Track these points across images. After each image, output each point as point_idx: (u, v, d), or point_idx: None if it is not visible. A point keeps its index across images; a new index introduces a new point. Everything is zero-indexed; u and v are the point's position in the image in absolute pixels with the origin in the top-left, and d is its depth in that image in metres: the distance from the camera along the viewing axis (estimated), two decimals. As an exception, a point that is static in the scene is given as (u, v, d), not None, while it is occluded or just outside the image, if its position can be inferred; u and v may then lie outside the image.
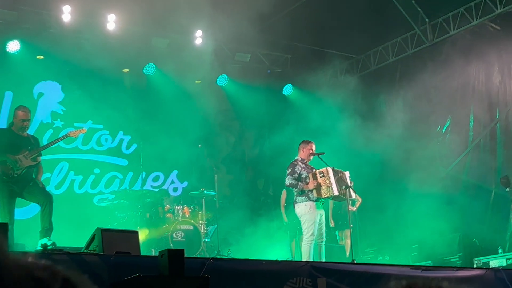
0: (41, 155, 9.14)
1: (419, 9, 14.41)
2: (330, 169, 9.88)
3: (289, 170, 10.09)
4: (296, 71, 16.15)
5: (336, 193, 9.77)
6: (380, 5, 13.97)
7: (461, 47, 14.46)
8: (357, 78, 15.91)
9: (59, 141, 9.58)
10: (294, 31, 14.32)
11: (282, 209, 12.83)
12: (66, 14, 13.17)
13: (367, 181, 14.05)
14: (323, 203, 10.09)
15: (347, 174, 10.19)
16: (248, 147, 16.19)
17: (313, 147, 10.26)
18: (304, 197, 9.92)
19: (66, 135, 9.36)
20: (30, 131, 9.77)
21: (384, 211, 15.06)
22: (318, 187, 9.80)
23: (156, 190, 14.12)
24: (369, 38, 14.78)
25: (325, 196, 9.80)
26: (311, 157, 10.22)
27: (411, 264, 10.93)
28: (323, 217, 10.03)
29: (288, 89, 16.35)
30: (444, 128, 15.17)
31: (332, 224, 12.94)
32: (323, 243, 9.99)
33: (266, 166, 15.92)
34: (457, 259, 13.05)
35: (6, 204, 8.61)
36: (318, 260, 9.51)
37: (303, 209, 9.90)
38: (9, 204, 8.63)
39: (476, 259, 12.72)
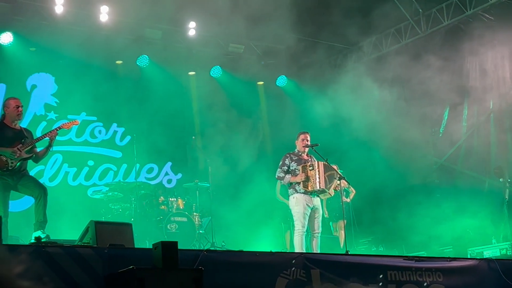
0: (36, 147, 9.09)
1: (412, -1, 14.41)
2: (321, 163, 9.87)
3: (280, 163, 10.13)
4: (290, 62, 16.12)
5: (320, 187, 9.75)
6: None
7: (455, 37, 14.46)
8: (351, 68, 15.89)
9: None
10: (288, 22, 14.28)
11: (279, 197, 12.75)
12: (59, 5, 13.12)
13: (361, 172, 14.08)
14: (318, 195, 10.05)
15: (335, 167, 10.17)
16: (242, 138, 16.17)
17: (307, 137, 10.22)
18: (291, 189, 9.98)
19: (59, 127, 9.29)
20: (23, 123, 9.73)
21: (378, 202, 15.10)
22: (306, 180, 9.79)
23: (150, 182, 14.11)
24: (363, 29, 14.76)
25: (311, 189, 9.79)
26: (306, 149, 10.20)
27: (405, 254, 10.95)
28: (319, 209, 10.00)
29: (282, 80, 16.32)
30: (442, 119, 15.18)
31: (326, 215, 12.94)
32: (319, 235, 9.98)
33: (260, 157, 15.92)
34: (451, 249, 13.10)
35: (1, 197, 8.57)
36: (313, 252, 9.53)
37: (292, 201, 9.98)
38: (3, 197, 8.59)
39: (470, 249, 12.76)
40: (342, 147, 14.34)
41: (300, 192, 9.83)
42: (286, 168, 10.03)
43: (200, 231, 12.66)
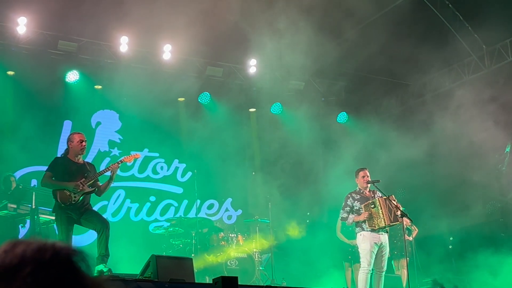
0: (98, 181, 9.23)
1: (476, 35, 14.24)
2: (381, 199, 9.73)
3: (343, 204, 10.04)
4: (351, 99, 16.08)
5: (386, 223, 9.62)
6: (436, 32, 13.85)
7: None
8: (412, 105, 15.74)
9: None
10: (349, 58, 14.29)
11: (339, 235, 12.65)
12: (124, 45, 13.47)
13: (422, 209, 13.84)
14: (387, 232, 9.94)
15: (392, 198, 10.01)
16: (302, 175, 16.13)
17: (366, 173, 10.11)
18: (358, 228, 9.87)
19: (121, 161, 9.43)
20: (88, 159, 9.91)
21: (441, 240, 14.80)
22: (370, 218, 9.67)
23: (211, 218, 14.19)
24: (425, 65, 14.64)
25: (378, 227, 9.67)
26: (368, 185, 10.10)
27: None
28: (386, 246, 9.85)
29: (342, 117, 16.26)
30: (506, 156, 14.85)
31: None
32: (383, 273, 9.83)
33: (321, 194, 15.83)
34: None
35: (64, 231, 8.71)
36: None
37: (359, 239, 9.87)
38: (67, 230, 8.74)
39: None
40: (402, 186, 14.14)
41: (367, 230, 9.72)
42: (349, 208, 9.94)
43: (260, 268, 12.61)
